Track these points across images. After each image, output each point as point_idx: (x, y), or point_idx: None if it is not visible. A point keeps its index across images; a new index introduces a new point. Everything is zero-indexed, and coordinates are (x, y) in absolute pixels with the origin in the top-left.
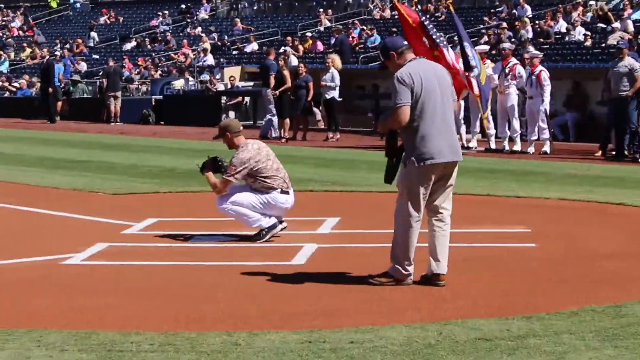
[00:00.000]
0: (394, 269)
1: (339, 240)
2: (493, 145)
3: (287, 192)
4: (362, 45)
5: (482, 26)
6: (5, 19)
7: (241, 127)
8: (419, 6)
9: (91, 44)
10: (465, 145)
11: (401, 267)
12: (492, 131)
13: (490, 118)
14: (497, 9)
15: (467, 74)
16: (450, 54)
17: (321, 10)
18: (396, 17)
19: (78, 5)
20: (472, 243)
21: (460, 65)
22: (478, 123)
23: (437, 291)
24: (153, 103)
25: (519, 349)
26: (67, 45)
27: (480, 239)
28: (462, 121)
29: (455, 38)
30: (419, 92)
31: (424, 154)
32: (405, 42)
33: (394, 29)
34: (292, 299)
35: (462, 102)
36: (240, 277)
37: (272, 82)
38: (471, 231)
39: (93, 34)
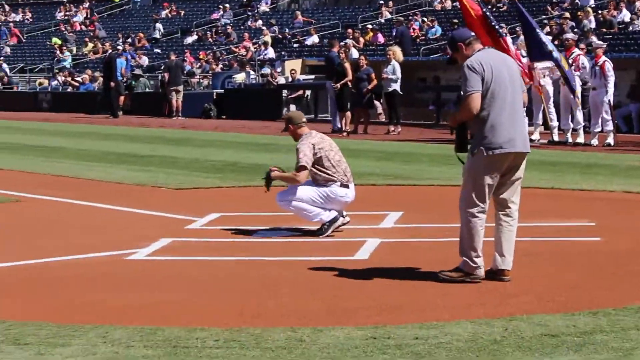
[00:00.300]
0: (463, 263)
1: (402, 234)
2: (556, 138)
3: (347, 186)
4: (423, 37)
5: (544, 16)
6: (68, 13)
7: (304, 119)
8: None
9: (157, 36)
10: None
11: (469, 260)
12: (555, 123)
13: (553, 110)
14: None
15: (529, 65)
16: (511, 46)
17: (382, 2)
18: (457, 8)
19: None
20: (537, 237)
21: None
22: (540, 115)
23: (502, 286)
24: (214, 97)
25: (586, 345)
26: (129, 40)
27: (545, 232)
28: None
29: (518, 29)
30: (490, 80)
31: (492, 143)
32: (473, 33)
33: (455, 20)
34: (355, 294)
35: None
36: (304, 272)
37: None
38: (536, 225)
39: (158, 25)
